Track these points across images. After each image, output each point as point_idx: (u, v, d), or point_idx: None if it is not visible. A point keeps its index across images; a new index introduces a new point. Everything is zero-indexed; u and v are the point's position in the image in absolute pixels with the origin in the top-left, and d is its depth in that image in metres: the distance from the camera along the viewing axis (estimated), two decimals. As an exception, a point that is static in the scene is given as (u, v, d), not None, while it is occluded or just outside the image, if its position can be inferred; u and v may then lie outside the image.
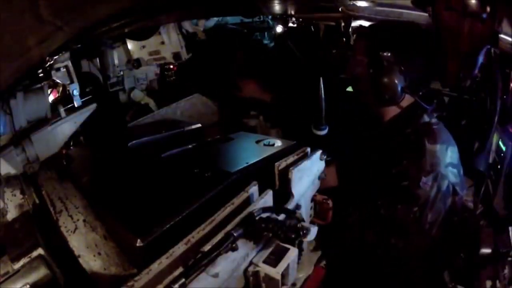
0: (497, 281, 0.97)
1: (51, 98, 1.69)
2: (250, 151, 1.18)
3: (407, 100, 1.23)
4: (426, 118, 1.19)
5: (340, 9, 1.84)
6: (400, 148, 1.16)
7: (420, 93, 1.21)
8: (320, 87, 1.26)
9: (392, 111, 1.26)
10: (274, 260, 0.76)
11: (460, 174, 1.13)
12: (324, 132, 1.35)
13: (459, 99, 1.49)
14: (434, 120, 1.19)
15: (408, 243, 1.09)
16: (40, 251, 0.80)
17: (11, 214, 1.02)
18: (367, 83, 1.21)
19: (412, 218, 1.06)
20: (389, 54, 1.15)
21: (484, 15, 0.95)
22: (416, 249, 1.12)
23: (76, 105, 1.62)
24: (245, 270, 0.77)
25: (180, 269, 0.64)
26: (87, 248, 0.80)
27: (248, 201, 0.83)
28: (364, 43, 1.23)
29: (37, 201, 1.07)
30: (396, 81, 1.16)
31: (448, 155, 1.11)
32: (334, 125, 1.36)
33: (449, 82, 1.32)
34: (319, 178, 1.11)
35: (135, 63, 2.39)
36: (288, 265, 0.75)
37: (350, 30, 1.86)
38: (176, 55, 2.49)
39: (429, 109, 1.20)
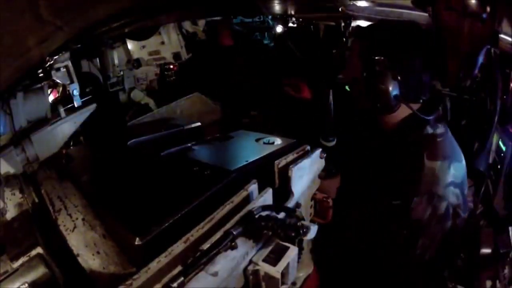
0: (497, 281, 0.97)
1: (51, 98, 1.70)
2: (250, 149, 1.18)
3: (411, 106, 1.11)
4: (429, 130, 1.06)
5: (340, 9, 1.85)
6: (398, 160, 1.06)
7: (421, 101, 1.09)
8: (329, 99, 1.23)
9: (393, 117, 1.12)
10: (274, 258, 0.76)
11: (464, 193, 1.02)
12: (332, 143, 1.33)
13: (459, 99, 1.49)
14: (439, 131, 1.06)
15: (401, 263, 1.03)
16: (39, 250, 0.80)
17: (11, 213, 1.02)
18: (361, 88, 1.09)
19: (402, 243, 0.98)
20: (382, 58, 1.01)
21: (484, 15, 0.95)
22: (410, 268, 1.05)
23: (76, 105, 1.62)
24: (245, 269, 0.77)
25: (179, 268, 0.63)
26: (86, 247, 0.79)
27: (247, 199, 0.83)
28: (360, 45, 1.11)
29: (36, 200, 1.06)
30: (389, 88, 1.02)
31: (450, 173, 0.99)
32: (334, 125, 1.36)
33: (449, 82, 1.31)
34: (319, 176, 1.10)
35: (135, 63, 2.40)
36: (288, 263, 0.75)
37: (349, 30, 1.87)
38: (176, 55, 2.51)
39: (430, 119, 1.06)
